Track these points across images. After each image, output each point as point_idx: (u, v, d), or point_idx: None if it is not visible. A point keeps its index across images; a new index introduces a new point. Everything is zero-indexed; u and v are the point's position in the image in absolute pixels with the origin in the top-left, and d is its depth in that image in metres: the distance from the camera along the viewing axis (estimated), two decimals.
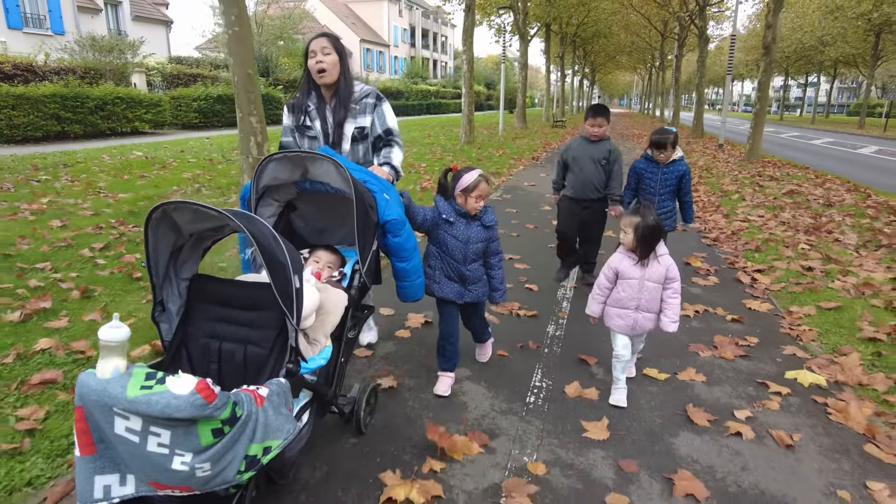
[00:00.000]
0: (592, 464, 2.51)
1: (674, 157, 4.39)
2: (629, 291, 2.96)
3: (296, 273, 1.84)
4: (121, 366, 1.58)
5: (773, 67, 14.71)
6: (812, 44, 40.81)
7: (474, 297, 2.96)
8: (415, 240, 2.60)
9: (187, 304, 2.13)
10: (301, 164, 2.40)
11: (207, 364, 2.07)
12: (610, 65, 61.30)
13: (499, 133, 21.77)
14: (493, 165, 12.40)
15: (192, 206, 1.81)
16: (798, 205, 8.57)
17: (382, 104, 3.07)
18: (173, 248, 2.04)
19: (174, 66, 23.47)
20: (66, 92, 15.76)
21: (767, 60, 13.66)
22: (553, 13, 29.85)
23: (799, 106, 74.75)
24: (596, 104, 4.55)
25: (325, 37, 2.91)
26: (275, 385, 1.79)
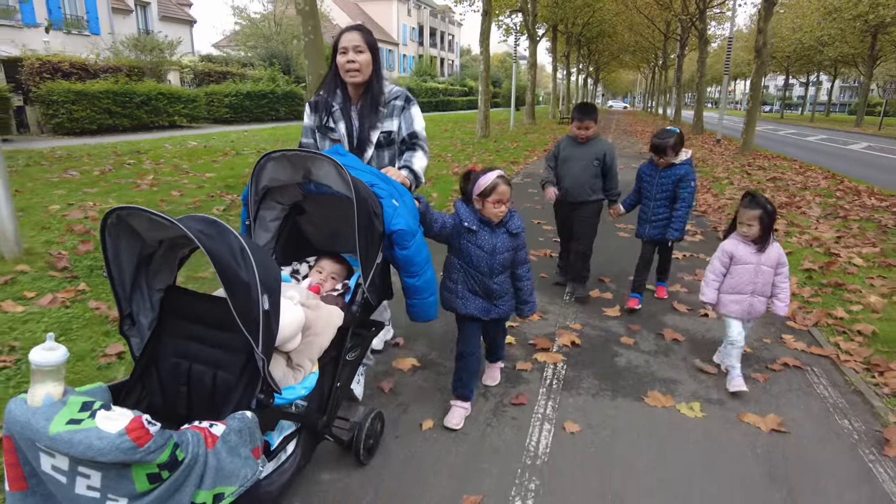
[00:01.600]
0: (610, 326, 3.97)
1: (680, 159, 4.07)
2: (746, 276, 3.06)
3: (265, 293, 1.61)
4: (54, 393, 1.40)
5: (765, 69, 16.13)
6: (811, 44, 41.94)
7: (501, 314, 2.70)
8: (426, 252, 2.33)
9: (159, 318, 1.94)
10: (302, 165, 2.19)
11: (177, 386, 1.88)
12: (614, 63, 62.58)
13: (510, 128, 23.22)
14: (510, 156, 13.85)
15: (145, 213, 1.63)
16: (778, 188, 10.01)
17: (411, 107, 2.86)
18: (140, 255, 1.86)
19: (205, 65, 24.93)
20: (117, 88, 17.26)
21: (759, 62, 15.07)
22: (560, 14, 31.24)
23: (801, 104, 76.03)
24: (582, 104, 4.31)
25: (358, 32, 2.66)
26: (236, 421, 1.56)
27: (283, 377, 1.82)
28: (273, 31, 34.59)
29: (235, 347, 1.78)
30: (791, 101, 76.94)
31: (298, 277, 2.40)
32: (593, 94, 72.17)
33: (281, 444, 1.85)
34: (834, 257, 5.56)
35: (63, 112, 15.98)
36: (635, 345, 3.69)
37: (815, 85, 63.64)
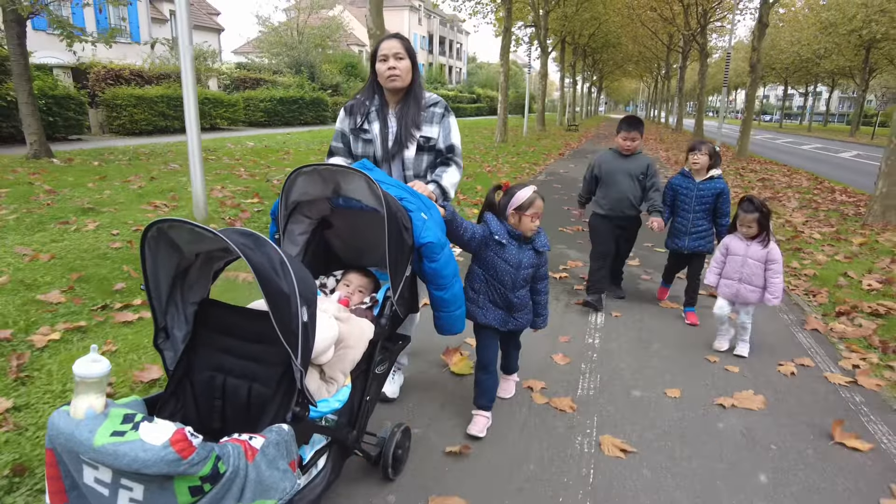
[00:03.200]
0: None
1: (711, 174, 4.23)
2: (735, 265, 3.66)
3: (304, 305, 1.60)
4: (97, 405, 1.38)
5: (758, 83, 17.85)
6: (809, 56, 43.61)
7: (518, 326, 2.75)
8: (455, 265, 2.35)
9: (193, 332, 1.95)
10: (332, 179, 2.20)
11: (211, 400, 1.89)
12: (617, 73, 64.41)
13: (523, 134, 24.98)
14: (530, 158, 15.57)
15: (187, 226, 1.62)
16: (765, 186, 11.73)
17: (450, 116, 2.82)
18: (177, 269, 1.86)
19: (241, 72, 26.75)
20: (170, 93, 19.03)
21: (753, 77, 16.83)
22: (568, 27, 33.01)
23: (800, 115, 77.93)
24: (629, 116, 4.37)
25: (398, 39, 2.66)
26: (273, 434, 1.53)
27: (317, 390, 1.82)
28: (295, 39, 36.46)
29: (271, 360, 1.78)
30: (791, 111, 78.70)
31: (326, 291, 2.40)
32: (597, 102, 74.06)
33: (313, 458, 1.84)
34: (799, 233, 7.27)
35: (126, 114, 17.75)
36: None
37: (814, 96, 65.50)
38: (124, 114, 17.74)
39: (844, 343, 4.02)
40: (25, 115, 10.51)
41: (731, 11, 27.73)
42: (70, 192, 7.46)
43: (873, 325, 4.24)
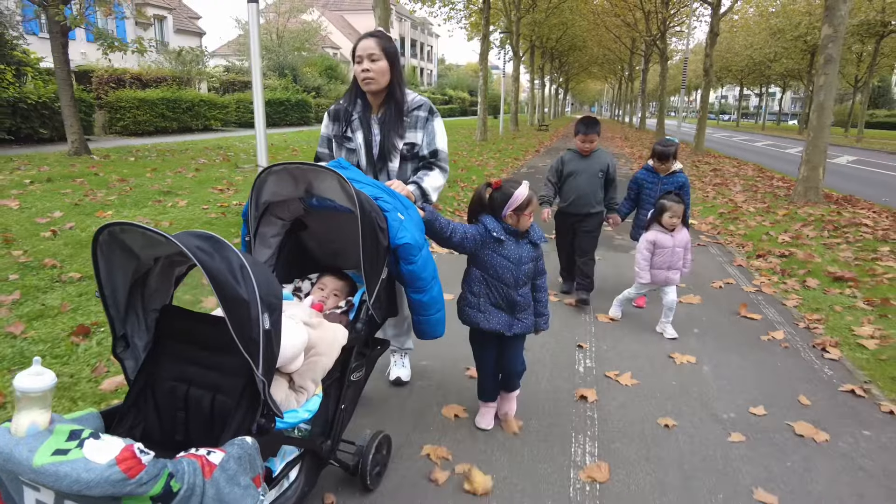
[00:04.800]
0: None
1: (674, 168, 4.47)
2: (664, 257, 3.94)
3: (266, 311, 1.52)
4: (40, 421, 1.28)
5: (711, 86, 19.91)
6: (761, 59, 46.40)
7: (523, 328, 2.62)
8: (433, 267, 2.24)
9: (155, 340, 1.84)
10: (304, 178, 2.10)
11: (174, 411, 1.77)
12: (583, 74, 66.88)
13: (500, 133, 26.72)
14: (511, 154, 17.26)
15: (139, 230, 1.53)
16: (716, 175, 13.62)
17: (434, 119, 2.70)
18: (136, 274, 1.75)
19: (230, 75, 27.86)
20: (169, 95, 20.22)
21: (707, 80, 18.86)
22: (538, 32, 34.90)
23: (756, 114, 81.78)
24: (586, 117, 4.43)
25: (374, 38, 2.49)
26: (235, 448, 1.44)
27: (284, 400, 1.74)
28: (275, 43, 37.55)
29: (234, 370, 1.66)
30: (747, 110, 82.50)
31: (301, 295, 2.32)
32: (563, 104, 76.58)
33: (283, 470, 1.79)
34: (738, 208, 9.09)
35: (129, 116, 18.85)
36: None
37: (768, 96, 68.98)
38: (127, 115, 18.84)
39: (758, 272, 5.73)
40: (67, 116, 11.72)
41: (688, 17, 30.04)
42: (136, 181, 8.80)
43: (779, 262, 5.98)
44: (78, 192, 7.71)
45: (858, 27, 28.56)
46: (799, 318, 4.46)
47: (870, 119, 49.17)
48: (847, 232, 7.49)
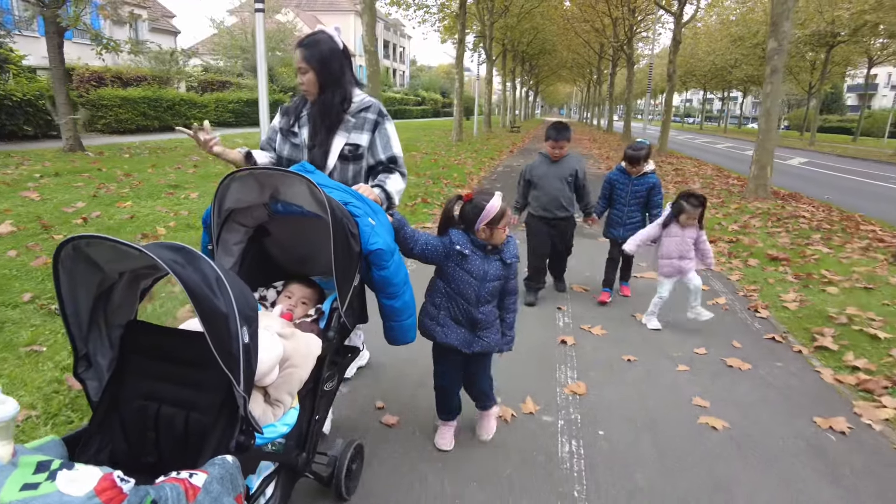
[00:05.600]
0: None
1: (645, 170, 4.58)
2: (673, 246, 4.12)
3: (244, 324, 1.46)
4: (2, 454, 1.20)
5: (674, 90, 21.10)
6: (723, 65, 48.25)
7: (484, 347, 2.47)
8: (405, 272, 2.19)
9: (120, 357, 1.74)
10: (270, 184, 2.05)
11: (143, 432, 1.69)
12: (553, 78, 68.41)
13: (474, 134, 27.58)
14: (487, 154, 18.09)
15: (109, 242, 1.44)
16: (678, 173, 14.68)
17: (385, 123, 2.63)
18: (99, 289, 1.66)
19: (209, 75, 28.14)
20: (151, 94, 20.53)
21: (670, 85, 20.01)
22: (510, 36, 35.92)
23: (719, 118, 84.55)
24: (557, 123, 4.51)
25: (301, 49, 2.46)
26: (217, 468, 1.40)
27: (262, 415, 1.70)
28: (250, 43, 37.78)
29: (210, 385, 1.62)
30: (711, 113, 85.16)
31: (266, 304, 2.25)
32: (534, 106, 78.06)
33: (260, 487, 1.73)
34: None
35: (111, 114, 19.11)
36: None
37: (730, 100, 71.51)
38: (109, 114, 19.09)
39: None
40: (62, 114, 12.11)
41: (654, 24, 31.41)
42: (140, 175, 9.34)
43: (727, 246, 6.90)
44: (90, 185, 8.25)
45: (810, 37, 30.24)
46: (739, 289, 5.35)
47: (823, 124, 51.58)
48: (787, 222, 8.50)
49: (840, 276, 5.76)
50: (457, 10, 22.97)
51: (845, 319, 4.52)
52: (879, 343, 4.10)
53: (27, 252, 5.06)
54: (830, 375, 3.61)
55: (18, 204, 6.82)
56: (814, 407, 3.21)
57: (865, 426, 3.05)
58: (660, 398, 3.24)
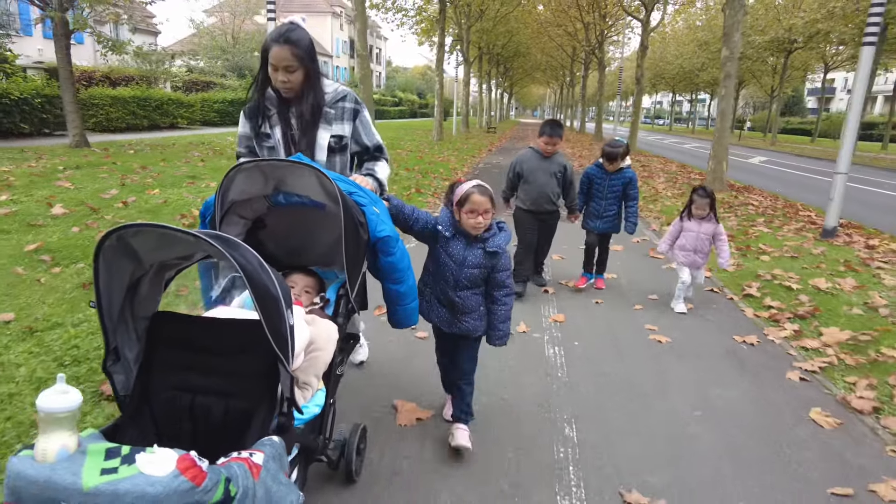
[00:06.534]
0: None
1: (621, 166, 4.81)
2: (690, 239, 4.58)
3: (288, 307, 1.53)
4: (69, 444, 1.22)
5: (643, 93, 22.43)
6: (691, 68, 50.08)
7: (465, 330, 2.53)
8: (409, 258, 2.27)
9: (148, 350, 1.76)
10: (275, 175, 2.06)
11: (177, 423, 1.72)
12: (527, 80, 69.87)
13: (454, 134, 28.63)
14: (468, 152, 19.13)
15: (158, 230, 1.45)
16: (644, 169, 15.92)
17: (363, 110, 2.64)
18: (130, 281, 1.66)
19: (194, 75, 28.68)
20: (140, 94, 21.14)
21: (638, 88, 21.32)
22: (486, 39, 37.06)
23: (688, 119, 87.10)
24: (552, 120, 4.65)
25: (288, 47, 2.32)
26: (268, 447, 1.45)
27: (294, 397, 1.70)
28: (230, 43, 38.30)
29: (248, 372, 1.68)
30: (680, 115, 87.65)
31: None
32: (508, 107, 79.50)
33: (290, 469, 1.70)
34: (658, 193, 11.23)
35: (102, 113, 19.67)
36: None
37: (698, 102, 73.85)
38: (100, 112, 19.65)
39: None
40: (69, 112, 12.81)
41: (623, 28, 32.85)
42: (154, 168, 10.14)
43: None
44: (113, 176, 9.04)
45: (770, 43, 31.98)
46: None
47: (786, 126, 53.89)
48: (738, 209, 9.70)
49: (773, 248, 6.91)
50: (434, 14, 23.97)
51: (769, 277, 5.65)
52: (792, 292, 5.22)
53: (88, 228, 5.91)
54: (751, 313, 4.70)
55: (58, 191, 7.61)
56: (735, 330, 4.29)
57: (770, 341, 4.14)
58: (620, 324, 4.29)
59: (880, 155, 28.46)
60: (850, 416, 3.14)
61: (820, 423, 3.03)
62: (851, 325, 4.39)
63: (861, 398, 3.28)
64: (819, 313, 4.67)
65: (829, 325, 4.40)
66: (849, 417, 3.12)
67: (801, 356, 3.89)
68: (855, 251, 6.98)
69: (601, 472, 2.53)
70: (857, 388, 3.40)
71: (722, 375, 3.56)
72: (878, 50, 24.34)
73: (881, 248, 7.18)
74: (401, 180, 10.96)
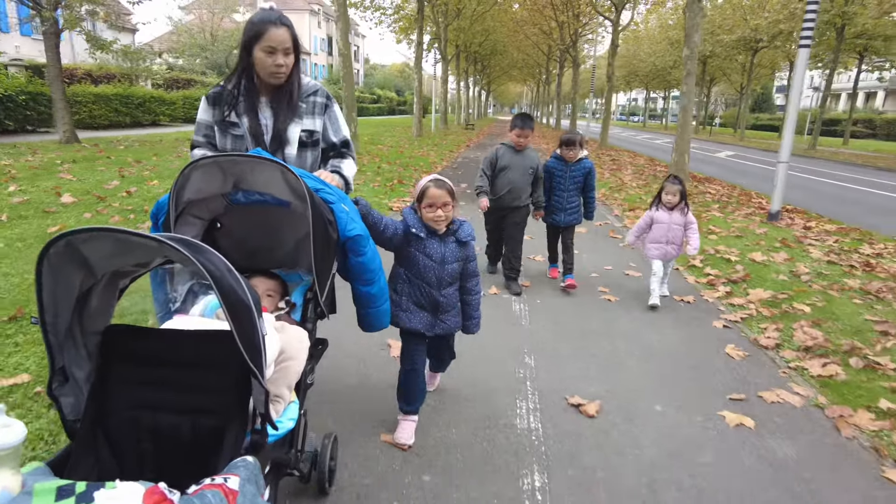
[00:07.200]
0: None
1: (580, 156, 4.82)
2: (661, 231, 4.60)
3: (260, 315, 1.41)
4: (12, 485, 1.11)
5: (613, 91, 23.33)
6: (663, 66, 51.30)
7: (445, 330, 2.58)
8: (379, 258, 2.18)
9: (102, 368, 1.58)
10: (234, 172, 1.93)
11: (135, 444, 1.56)
12: (504, 77, 70.74)
13: (433, 131, 29.27)
14: (447, 147, 19.81)
15: (114, 234, 1.31)
16: (614, 162, 16.75)
17: (333, 106, 2.55)
18: (79, 292, 1.48)
19: (174, 73, 28.91)
20: (123, 91, 21.41)
21: (610, 86, 22.22)
22: (463, 38, 37.74)
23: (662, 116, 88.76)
24: (522, 113, 4.69)
25: (286, 28, 2.26)
26: (243, 469, 1.34)
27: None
28: (208, 41, 38.46)
29: (217, 386, 1.54)
30: (655, 112, 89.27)
31: None
32: (486, 105, 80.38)
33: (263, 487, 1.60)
34: (625, 184, 12.03)
35: (85, 110, 19.93)
36: None
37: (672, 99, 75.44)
38: (83, 110, 19.90)
39: (627, 218, 8.51)
40: (59, 108, 13.19)
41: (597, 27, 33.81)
42: (148, 162, 10.63)
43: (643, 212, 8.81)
44: (111, 169, 9.53)
45: (737, 42, 33.16)
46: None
47: (756, 122, 55.49)
48: (696, 197, 10.52)
49: (722, 229, 7.71)
50: (412, 12, 24.55)
51: (713, 252, 6.42)
52: (730, 263, 5.99)
53: (99, 215, 6.45)
54: (693, 279, 5.45)
55: (62, 183, 8.10)
56: (676, 293, 5.02)
57: (704, 300, 4.89)
58: (578, 288, 4.99)
59: (841, 150, 29.77)
60: (758, 350, 3.89)
61: (732, 356, 3.77)
62: (774, 288, 5.17)
63: (768, 338, 4.03)
64: (749, 279, 5.44)
65: (755, 287, 5.16)
66: (756, 352, 3.87)
67: (727, 310, 4.64)
68: (793, 231, 7.81)
69: (551, 386, 3.23)
70: (767, 332, 4.15)
71: (660, 326, 4.28)
72: (837, 49, 25.60)
73: (816, 229, 8.04)
74: (383, 173, 11.60)
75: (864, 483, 2.50)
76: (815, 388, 3.36)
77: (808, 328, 4.19)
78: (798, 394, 3.26)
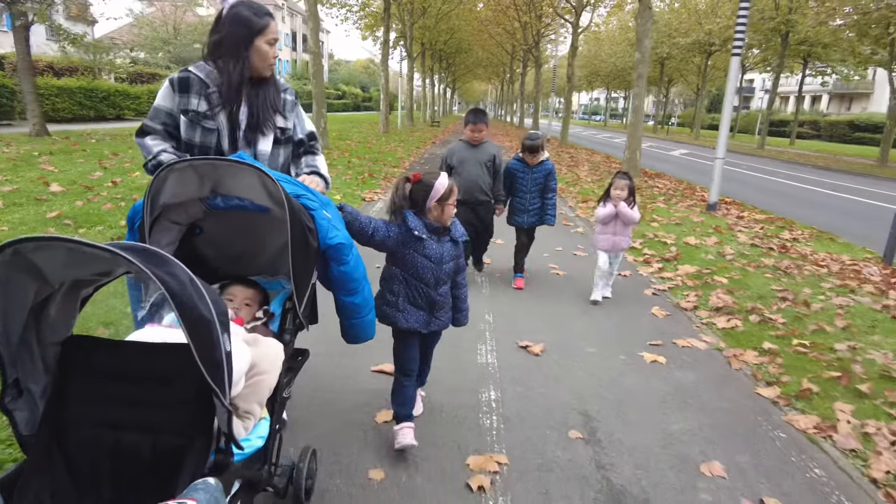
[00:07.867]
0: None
1: (541, 158, 4.88)
2: (608, 224, 4.69)
3: (224, 330, 1.34)
4: None
5: (573, 90, 24.28)
6: (623, 66, 52.78)
7: (440, 326, 2.64)
8: (363, 266, 2.11)
9: (60, 381, 1.53)
10: (212, 176, 1.88)
11: (95, 464, 1.49)
12: (469, 76, 71.63)
13: (398, 127, 29.83)
14: (413, 144, 20.42)
15: (66, 244, 1.26)
16: (572, 158, 17.65)
17: (298, 104, 2.54)
18: (34, 302, 1.43)
19: (138, 67, 28.75)
20: (87, 85, 21.40)
21: (570, 86, 23.13)
22: (428, 35, 38.34)
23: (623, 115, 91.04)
24: (475, 108, 4.71)
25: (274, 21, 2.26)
26: (202, 493, 1.28)
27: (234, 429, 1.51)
28: (171, 35, 38.14)
29: (179, 402, 1.49)
30: (616, 111, 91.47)
31: None
32: (451, 102, 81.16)
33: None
34: (579, 179, 12.86)
35: (48, 103, 19.83)
36: None
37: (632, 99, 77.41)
38: (46, 103, 19.78)
39: (580, 209, 9.30)
40: (29, 101, 13.34)
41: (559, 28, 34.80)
42: (124, 154, 10.95)
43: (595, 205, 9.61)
44: (90, 161, 9.86)
45: (692, 45, 34.64)
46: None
47: (712, 122, 57.61)
48: (645, 191, 11.41)
49: (663, 218, 8.56)
50: (378, 10, 25.03)
51: (653, 237, 7.24)
52: (666, 245, 6.81)
53: (91, 202, 6.89)
54: (631, 259, 6.24)
55: (46, 174, 8.44)
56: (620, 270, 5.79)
57: (639, 275, 5.68)
58: (532, 264, 5.71)
59: (787, 149, 31.50)
60: (678, 311, 4.68)
61: (656, 315, 4.54)
62: (701, 265, 5.99)
63: (688, 302, 4.83)
64: (681, 258, 6.26)
65: (684, 265, 5.97)
66: (676, 312, 4.65)
67: (658, 282, 5.42)
68: (727, 220, 8.72)
69: (506, 334, 3.95)
70: (688, 297, 4.95)
71: (619, 300, 5.01)
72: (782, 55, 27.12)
73: (747, 218, 8.99)
74: (354, 167, 12.16)
75: (738, 396, 3.28)
76: (718, 336, 4.15)
77: (722, 294, 5.00)
78: (705, 341, 4.04)
